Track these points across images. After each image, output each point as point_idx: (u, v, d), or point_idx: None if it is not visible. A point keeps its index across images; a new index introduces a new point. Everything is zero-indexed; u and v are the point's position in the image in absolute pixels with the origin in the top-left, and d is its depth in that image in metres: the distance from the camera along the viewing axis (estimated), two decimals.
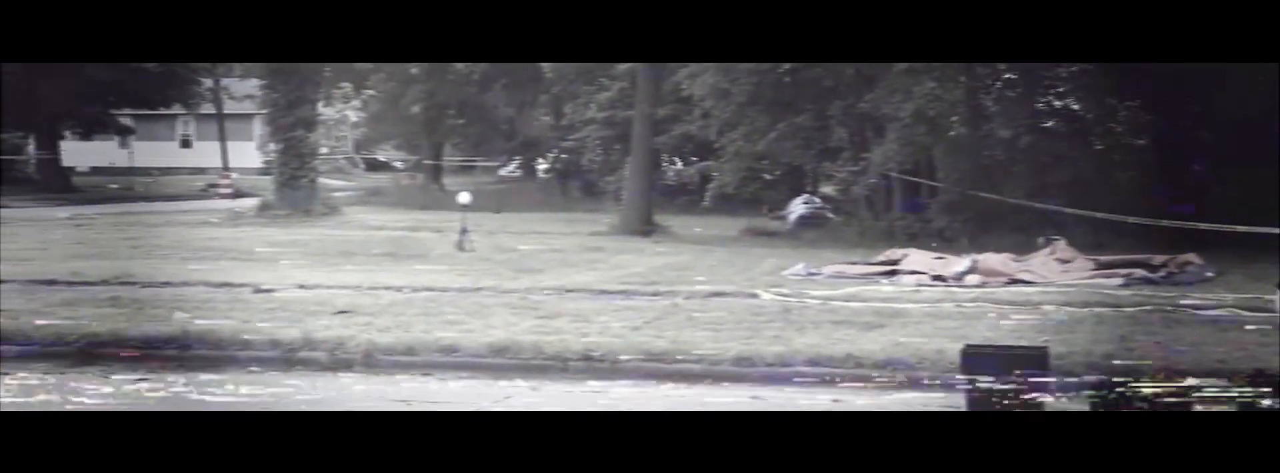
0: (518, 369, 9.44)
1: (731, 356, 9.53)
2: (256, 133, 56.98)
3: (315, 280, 13.86)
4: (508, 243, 20.10)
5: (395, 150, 62.91)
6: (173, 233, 22.32)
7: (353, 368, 9.54)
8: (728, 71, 22.85)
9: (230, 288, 13.26)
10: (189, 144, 62.02)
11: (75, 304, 11.80)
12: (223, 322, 10.68)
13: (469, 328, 10.51)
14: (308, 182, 28.07)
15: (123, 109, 48.05)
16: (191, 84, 48.14)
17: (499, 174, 52.11)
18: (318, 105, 31.38)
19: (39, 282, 13.68)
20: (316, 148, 30.03)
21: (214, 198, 40.55)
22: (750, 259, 17.48)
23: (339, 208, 28.95)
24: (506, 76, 43.30)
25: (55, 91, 42.48)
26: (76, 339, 10.00)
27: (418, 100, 44.55)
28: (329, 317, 11.12)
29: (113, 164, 52.84)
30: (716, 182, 25.50)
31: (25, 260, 16.22)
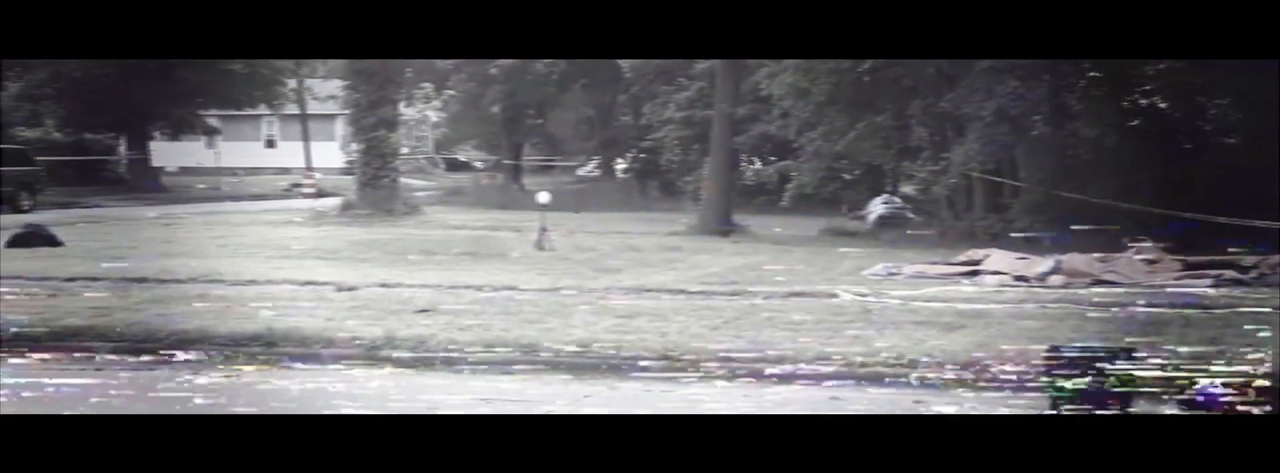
0: (597, 368, 9.47)
1: (810, 356, 9.50)
2: (339, 133, 57.69)
3: (397, 279, 14.01)
4: (587, 242, 20.18)
5: (475, 150, 63.41)
6: (257, 232, 22.67)
7: (434, 366, 9.63)
8: (807, 71, 22.75)
9: (314, 286, 13.44)
10: (273, 144, 62.97)
11: (165, 302, 12.03)
12: (307, 320, 10.83)
13: (548, 327, 10.57)
14: (389, 181, 28.36)
15: (210, 110, 48.86)
16: (276, 85, 48.86)
17: (578, 174, 52.32)
18: (399, 106, 31.71)
19: (130, 279, 13.95)
20: (398, 148, 30.33)
21: (297, 197, 41.14)
22: (829, 259, 17.40)
23: (420, 207, 29.22)
24: (586, 76, 43.44)
25: (146, 93, 43.34)
26: (166, 336, 10.18)
27: (498, 100, 44.84)
28: (410, 315, 11.24)
29: (200, 164, 53.78)
30: (795, 181, 25.41)
31: (117, 259, 16.55)
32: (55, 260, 16.20)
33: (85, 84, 44.25)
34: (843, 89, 22.88)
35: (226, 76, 44.54)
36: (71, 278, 14.03)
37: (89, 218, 28.08)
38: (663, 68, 36.33)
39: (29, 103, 45.99)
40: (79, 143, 46.55)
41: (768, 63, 24.68)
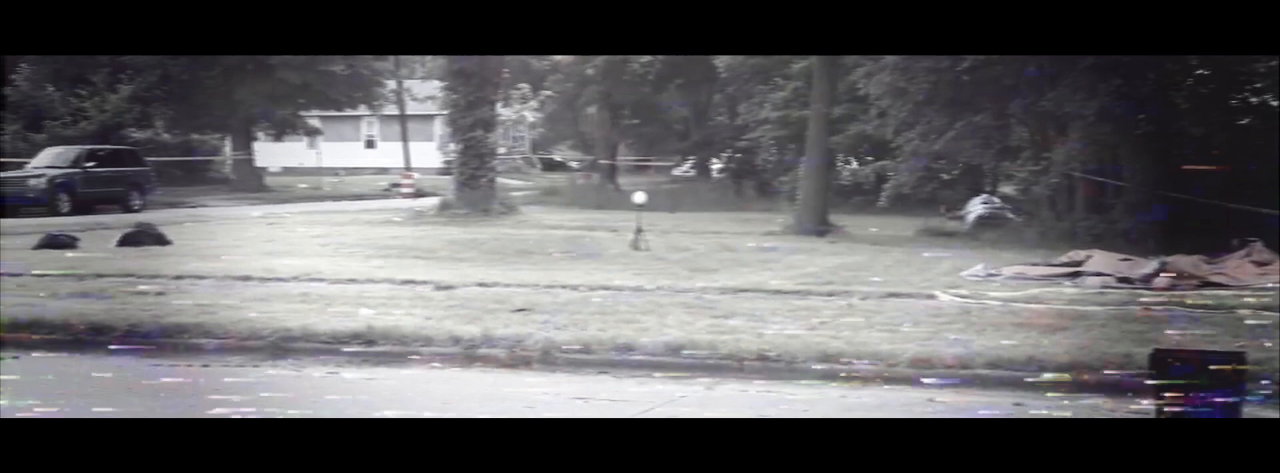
0: (693, 368, 9.47)
1: (908, 357, 9.41)
2: (437, 133, 58.36)
3: (494, 278, 14.13)
4: (682, 242, 20.19)
5: (571, 150, 63.76)
6: (357, 231, 23.00)
7: (531, 365, 9.69)
8: (905, 70, 22.55)
9: (412, 285, 13.60)
10: (373, 145, 63.85)
11: (268, 300, 12.24)
12: (406, 318, 10.95)
13: (644, 327, 10.59)
14: (486, 181, 28.61)
15: (311, 111, 49.68)
16: (376, 86, 49.56)
17: (673, 174, 52.36)
18: (496, 106, 31.95)
19: (235, 277, 14.24)
20: (495, 148, 30.59)
21: (396, 197, 41.69)
22: (927, 260, 17.23)
23: (516, 207, 29.44)
24: (681, 76, 43.45)
25: (250, 94, 44.22)
26: (269, 334, 10.36)
27: (594, 101, 45.04)
28: (507, 314, 11.33)
29: (301, 164, 54.72)
30: (893, 181, 25.18)
31: (222, 257, 16.92)
32: (164, 259, 16.59)
33: (193, 86, 45.30)
34: (941, 88, 22.64)
35: (328, 78, 45.30)
36: (179, 276, 14.35)
37: (195, 217, 28.71)
38: (758, 67, 36.22)
39: (140, 104, 47.18)
40: (186, 144, 47.67)
41: (865, 62, 24.51)
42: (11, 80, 49.86)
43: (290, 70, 43.33)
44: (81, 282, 13.78)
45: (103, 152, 36.57)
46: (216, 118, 46.32)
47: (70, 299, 12.20)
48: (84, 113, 47.00)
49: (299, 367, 9.72)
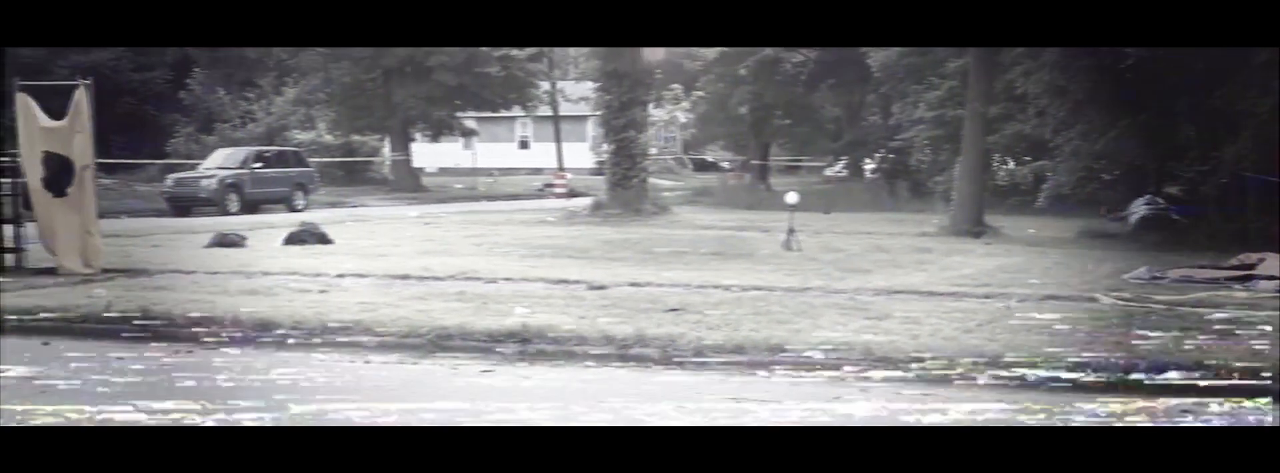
0: (847, 370, 9.38)
1: (1069, 361, 9.19)
2: (589, 134, 58.87)
3: (646, 278, 14.20)
4: (835, 243, 20.03)
5: (722, 151, 63.72)
6: (511, 231, 23.33)
7: (683, 365, 9.72)
8: (1065, 68, 22.02)
9: (566, 284, 13.75)
10: (526, 145, 64.70)
11: (426, 298, 12.50)
12: (560, 317, 11.08)
13: (797, 328, 10.54)
14: (638, 182, 28.77)
15: (467, 112, 50.54)
16: (530, 87, 50.18)
17: (825, 174, 51.96)
18: (649, 107, 32.11)
19: (394, 276, 14.58)
20: (647, 149, 30.73)
21: (549, 197, 42.19)
22: (1087, 261, 16.80)
23: (668, 207, 29.54)
24: (834, 76, 43.14)
25: (408, 96, 45.19)
26: (427, 332, 10.58)
27: (745, 101, 44.98)
28: (660, 314, 11.38)
29: (457, 165, 55.70)
30: (1051, 182, 24.63)
31: (382, 256, 17.32)
32: (326, 258, 17.05)
33: (354, 89, 46.51)
34: (1103, 86, 22.05)
35: (483, 79, 46.03)
36: (341, 274, 14.75)
37: (356, 217, 29.44)
38: (913, 66, 35.74)
39: (303, 107, 48.61)
40: (347, 145, 48.93)
41: (1023, 60, 24.02)
42: (186, 84, 51.82)
43: (447, 72, 44.16)
44: (249, 279, 14.26)
45: (269, 153, 37.78)
46: (376, 120, 47.44)
47: (239, 296, 12.62)
48: (252, 115, 48.61)
49: (456, 365, 9.90)
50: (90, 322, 11.42)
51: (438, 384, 9.09)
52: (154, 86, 59.20)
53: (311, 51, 46.62)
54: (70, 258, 15.21)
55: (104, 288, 13.32)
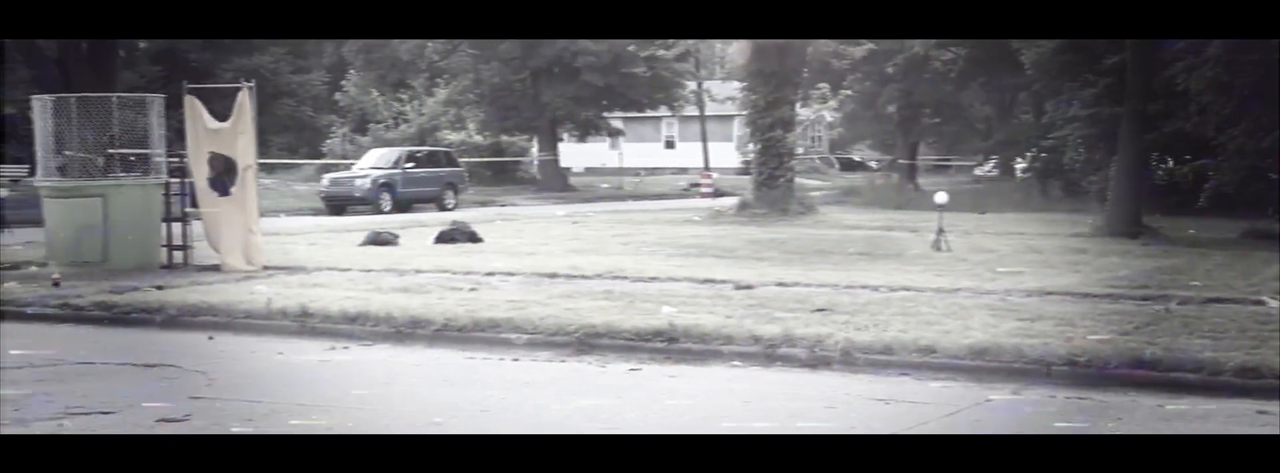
0: (998, 373, 9.23)
1: (1233, 366, 8.89)
2: (735, 134, 58.79)
3: (793, 278, 14.13)
4: (985, 243, 19.68)
5: (869, 150, 63.08)
6: (657, 230, 23.42)
7: (831, 366, 9.65)
8: (1230, 63, 21.29)
9: (712, 284, 13.75)
10: (672, 145, 64.89)
11: (574, 296, 12.63)
12: (707, 317, 11.09)
13: (947, 329, 10.38)
14: (785, 181, 28.63)
15: (614, 112, 50.89)
16: (676, 87, 50.33)
17: (975, 174, 51.10)
18: (795, 106, 31.94)
19: (542, 274, 14.75)
20: (793, 148, 30.58)
21: (695, 197, 42.25)
22: (1253, 263, 16.21)
23: (815, 207, 29.34)
24: (984, 74, 42.41)
25: (556, 97, 45.69)
26: (575, 329, 10.68)
27: (893, 100, 44.47)
28: (807, 314, 11.32)
29: (604, 165, 56.12)
30: (1213, 181, 23.82)
31: (530, 254, 17.54)
32: (476, 256, 17.32)
33: (503, 89, 47.20)
34: (1270, 81, 21.25)
35: (630, 80, 46.31)
36: (490, 272, 14.98)
37: (505, 216, 29.84)
38: (1068, 63, 34.89)
39: (454, 108, 49.47)
40: (496, 145, 49.67)
41: (1186, 55, 23.29)
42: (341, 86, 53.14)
43: (594, 73, 44.54)
44: (402, 277, 14.56)
45: (421, 153, 38.56)
46: (525, 120, 48.06)
47: (392, 293, 12.91)
48: (404, 116, 49.66)
49: (603, 363, 9.98)
50: (254, 317, 11.79)
51: (585, 382, 9.18)
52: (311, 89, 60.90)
53: (463, 53, 47.44)
54: (233, 255, 15.72)
55: (265, 285, 13.73)
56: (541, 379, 9.29)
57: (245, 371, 9.72)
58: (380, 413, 7.99)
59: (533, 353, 10.34)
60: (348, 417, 7.84)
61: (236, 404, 8.26)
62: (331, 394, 8.61)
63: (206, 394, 8.66)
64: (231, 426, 7.52)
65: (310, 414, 7.89)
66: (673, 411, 8.16)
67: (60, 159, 16.15)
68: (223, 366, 9.83)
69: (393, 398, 8.56)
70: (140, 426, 7.51)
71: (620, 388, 8.91)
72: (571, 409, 8.13)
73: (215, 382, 9.15)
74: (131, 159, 16.55)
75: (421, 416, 7.86)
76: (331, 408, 8.13)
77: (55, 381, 9.15)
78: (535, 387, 8.98)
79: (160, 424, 7.58)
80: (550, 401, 8.43)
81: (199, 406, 8.21)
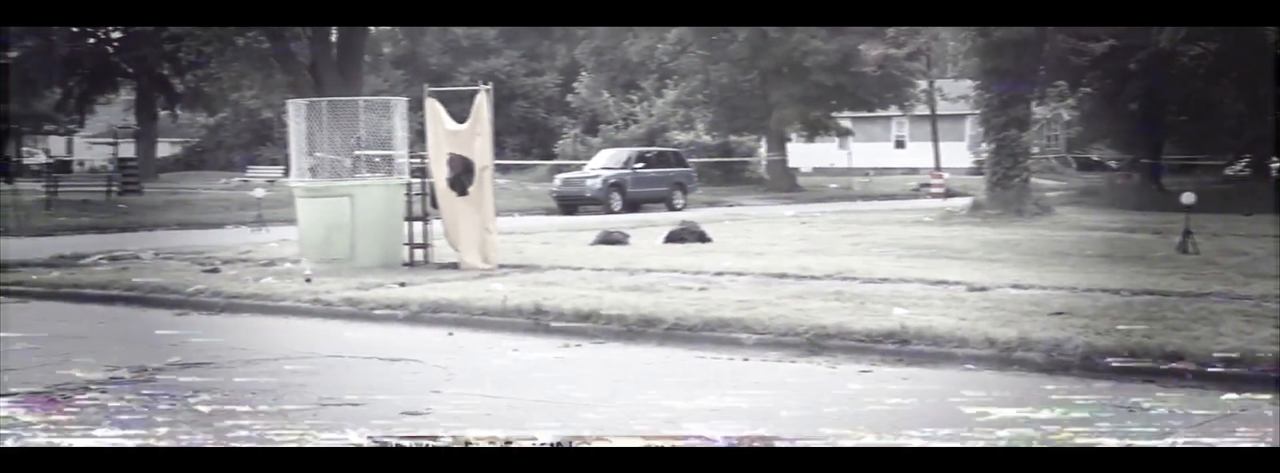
0: (1252, 382, 8.78)
1: None
2: (968, 133, 57.56)
3: (1029, 280, 13.75)
4: (1237, 246, 18.77)
5: (1108, 149, 60.80)
6: (887, 231, 23.11)
7: (1070, 371, 9.36)
8: None
9: (945, 285, 13.50)
10: (902, 145, 63.96)
11: (804, 297, 12.58)
12: (939, 319, 10.90)
13: (1195, 335, 9.94)
14: (1020, 181, 27.88)
15: (843, 112, 50.47)
16: (907, 86, 49.62)
17: (1224, 173, 48.76)
18: (1031, 104, 31.07)
19: (771, 275, 14.74)
20: (1029, 147, 29.75)
21: (926, 197, 41.53)
22: None
23: (1051, 208, 28.48)
24: (1237, 69, 40.43)
25: (784, 97, 45.60)
26: (805, 330, 10.64)
27: (1136, 97, 42.75)
28: (1044, 317, 11.00)
29: (832, 165, 55.69)
30: None
31: (759, 254, 17.55)
32: (705, 256, 17.43)
33: (731, 90, 47.37)
34: None
35: (859, 79, 45.87)
36: (720, 272, 15.05)
37: (733, 216, 29.93)
38: None
39: (683, 109, 49.87)
40: (725, 145, 49.88)
41: None
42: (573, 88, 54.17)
43: (823, 73, 44.26)
44: (632, 276, 14.76)
45: (650, 154, 39.00)
46: (753, 120, 48.11)
47: (623, 292, 13.10)
48: (634, 117, 50.32)
49: (834, 364, 9.92)
50: (490, 315, 12.13)
51: (816, 383, 9.14)
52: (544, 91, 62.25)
53: (692, 54, 47.76)
54: (471, 254, 16.21)
55: (501, 283, 14.11)
56: (771, 380, 9.29)
57: (483, 366, 10.00)
58: (615, 414, 8.10)
59: (762, 353, 10.35)
60: (581, 417, 7.98)
61: (475, 399, 8.51)
62: (566, 392, 8.79)
63: (446, 389, 8.96)
64: (469, 421, 7.75)
65: (546, 412, 8.07)
66: (904, 413, 8.03)
67: (311, 160, 16.92)
68: (461, 361, 10.15)
69: (624, 396, 8.68)
70: (386, 417, 7.82)
71: (852, 391, 8.82)
72: (811, 414, 8.08)
73: (454, 377, 9.45)
74: (376, 160, 17.21)
75: (654, 413, 7.95)
76: (564, 404, 8.30)
77: (308, 372, 9.61)
78: (765, 387, 8.98)
79: (403, 417, 7.87)
80: (781, 401, 8.41)
81: (439, 400, 8.50)
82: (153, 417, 7.92)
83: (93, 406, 8.30)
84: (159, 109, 64.47)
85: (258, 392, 8.73)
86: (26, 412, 8.09)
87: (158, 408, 8.21)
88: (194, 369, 9.73)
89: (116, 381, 9.20)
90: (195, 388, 8.86)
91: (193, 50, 47.15)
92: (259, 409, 8.13)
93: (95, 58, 59.29)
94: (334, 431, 7.34)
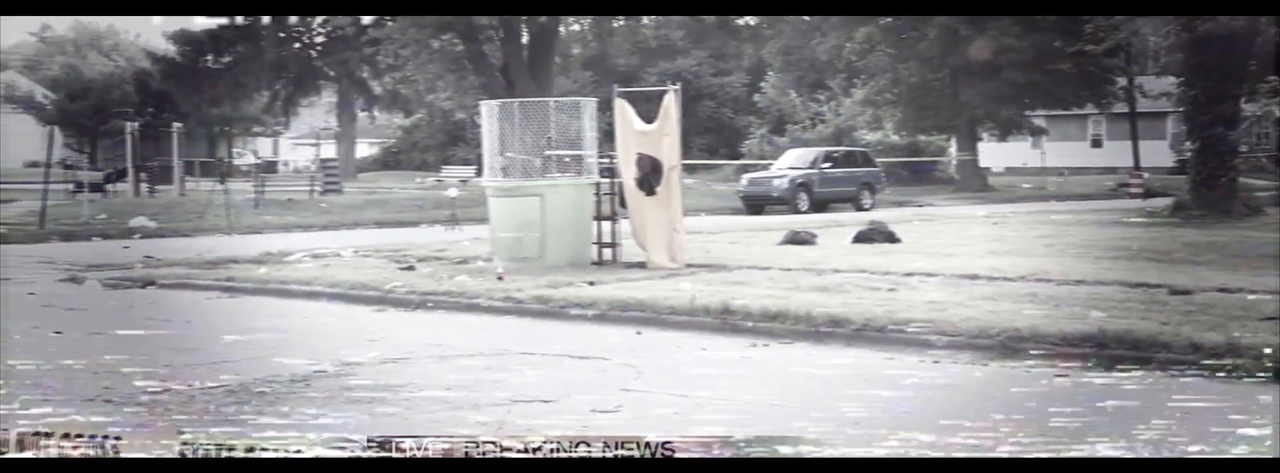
0: None
1: None
2: (1169, 131, 55.55)
3: (1237, 284, 13.20)
4: None
5: None
6: (1083, 232, 22.47)
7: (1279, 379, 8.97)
8: None
9: (1145, 288, 13.05)
10: (1099, 144, 62.04)
11: (996, 299, 12.31)
12: (1139, 322, 10.55)
13: None
14: (1226, 181, 26.81)
15: (1036, 110, 49.28)
16: (1106, 83, 48.16)
17: None
18: (1240, 101, 29.83)
19: (962, 276, 14.48)
20: (1237, 146, 28.56)
21: (1124, 197, 40.24)
22: None
23: (1261, 208, 27.27)
24: None
25: (975, 95, 44.71)
26: (998, 333, 10.41)
27: None
28: (1254, 322, 10.54)
29: (1025, 164, 54.39)
30: None
31: (949, 255, 17.25)
32: (893, 256, 17.21)
33: (920, 88, 46.68)
34: None
35: (1055, 76, 44.70)
36: (909, 273, 14.84)
37: (922, 216, 29.48)
38: None
39: (871, 108, 49.37)
40: (913, 145, 49.19)
41: None
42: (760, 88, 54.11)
43: (1016, 70, 43.25)
44: (820, 276, 14.67)
45: (837, 153, 38.74)
46: (942, 119, 47.31)
47: (811, 292, 13.03)
48: (821, 117, 50.01)
49: (1028, 367, 9.69)
50: (678, 314, 12.20)
51: (1008, 387, 8.95)
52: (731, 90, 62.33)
53: (881, 52, 47.22)
54: (658, 253, 16.33)
55: (688, 282, 14.18)
56: (964, 382, 9.13)
57: (671, 365, 10.06)
58: (802, 414, 8.07)
59: (953, 355, 10.17)
60: (770, 417, 7.97)
61: (664, 398, 8.57)
62: (755, 391, 8.79)
63: (636, 387, 9.04)
64: (658, 420, 7.81)
65: (735, 411, 8.08)
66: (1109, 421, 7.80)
67: (503, 160, 17.27)
68: (650, 359, 10.23)
69: (812, 397, 8.63)
70: (576, 415, 7.93)
71: (1046, 397, 8.60)
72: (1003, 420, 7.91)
73: (643, 375, 9.53)
74: (566, 160, 17.47)
75: (843, 414, 7.89)
76: (753, 404, 8.30)
77: (500, 369, 9.82)
78: (956, 390, 8.83)
79: (593, 415, 7.97)
80: (969, 406, 8.25)
81: (629, 398, 8.58)
82: (353, 410, 8.20)
83: (296, 398, 8.63)
84: (358, 111, 66.78)
85: (452, 387, 8.95)
86: (237, 403, 8.46)
87: (359, 402, 8.50)
88: (392, 364, 10.03)
89: (320, 374, 9.55)
90: (393, 383, 9.14)
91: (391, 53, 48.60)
92: (451, 404, 8.34)
93: (300, 62, 61.69)
94: (526, 428, 7.48)
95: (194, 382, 9.12)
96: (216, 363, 10.00)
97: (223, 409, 8.22)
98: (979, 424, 7.63)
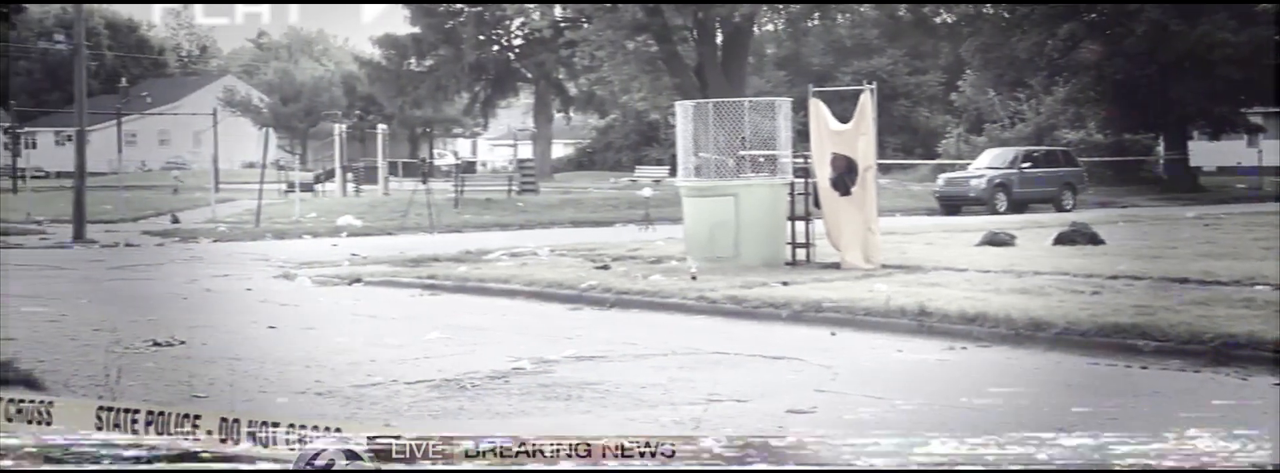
0: None
1: None
2: None
3: None
4: None
5: None
6: None
7: None
8: None
9: None
10: None
11: (1208, 303, 11.82)
12: None
13: None
14: None
15: (1253, 107, 47.21)
16: None
17: None
18: None
19: (1170, 279, 13.95)
20: None
21: None
22: None
23: None
24: None
25: (1186, 92, 43.03)
26: (1211, 338, 10.00)
27: None
28: None
29: (1238, 164, 52.15)
30: None
31: (1156, 258, 16.64)
32: (1098, 258, 16.69)
33: (1126, 86, 45.11)
34: None
35: (1273, 72, 42.66)
36: (1114, 276, 14.37)
37: (1127, 217, 28.52)
38: None
39: (1074, 106, 47.94)
40: (1118, 143, 47.57)
41: None
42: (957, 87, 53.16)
43: (1231, 66, 41.47)
44: (1020, 278, 14.32)
45: (1037, 153, 37.75)
46: (1150, 117, 45.66)
47: (1010, 295, 12.73)
48: (1021, 115, 48.79)
49: (1244, 376, 9.29)
50: (873, 315, 12.07)
51: (1222, 396, 8.59)
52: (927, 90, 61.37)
53: (1085, 49, 45.84)
54: (852, 253, 16.17)
55: (883, 283, 14.00)
56: (1172, 390, 8.80)
57: (867, 366, 9.96)
58: (1005, 420, 7.89)
59: (1162, 361, 9.81)
60: (969, 421, 7.82)
61: (860, 399, 8.49)
62: (953, 395, 8.63)
63: (831, 388, 8.98)
64: (852, 424, 7.74)
65: (934, 415, 7.96)
66: None
67: (697, 160, 17.34)
68: (845, 360, 10.15)
69: (1012, 401, 8.44)
70: (772, 415, 7.92)
71: (1265, 407, 8.23)
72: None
73: (839, 376, 9.45)
74: (760, 160, 17.43)
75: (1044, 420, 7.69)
76: (953, 407, 8.15)
77: (694, 368, 9.87)
78: (1165, 397, 8.52)
79: (789, 415, 7.95)
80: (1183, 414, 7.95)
81: (825, 399, 8.53)
82: (547, 406, 8.35)
83: (495, 394, 8.83)
84: (554, 112, 67.86)
85: (646, 386, 9.03)
86: (441, 398, 8.70)
87: (555, 399, 8.65)
88: (588, 362, 10.18)
89: (518, 370, 9.75)
90: (588, 380, 9.27)
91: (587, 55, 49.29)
92: (646, 402, 8.42)
93: (498, 64, 63.03)
94: (721, 427, 7.49)
95: (398, 377, 9.42)
96: (419, 359, 10.30)
97: (426, 404, 8.46)
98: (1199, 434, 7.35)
